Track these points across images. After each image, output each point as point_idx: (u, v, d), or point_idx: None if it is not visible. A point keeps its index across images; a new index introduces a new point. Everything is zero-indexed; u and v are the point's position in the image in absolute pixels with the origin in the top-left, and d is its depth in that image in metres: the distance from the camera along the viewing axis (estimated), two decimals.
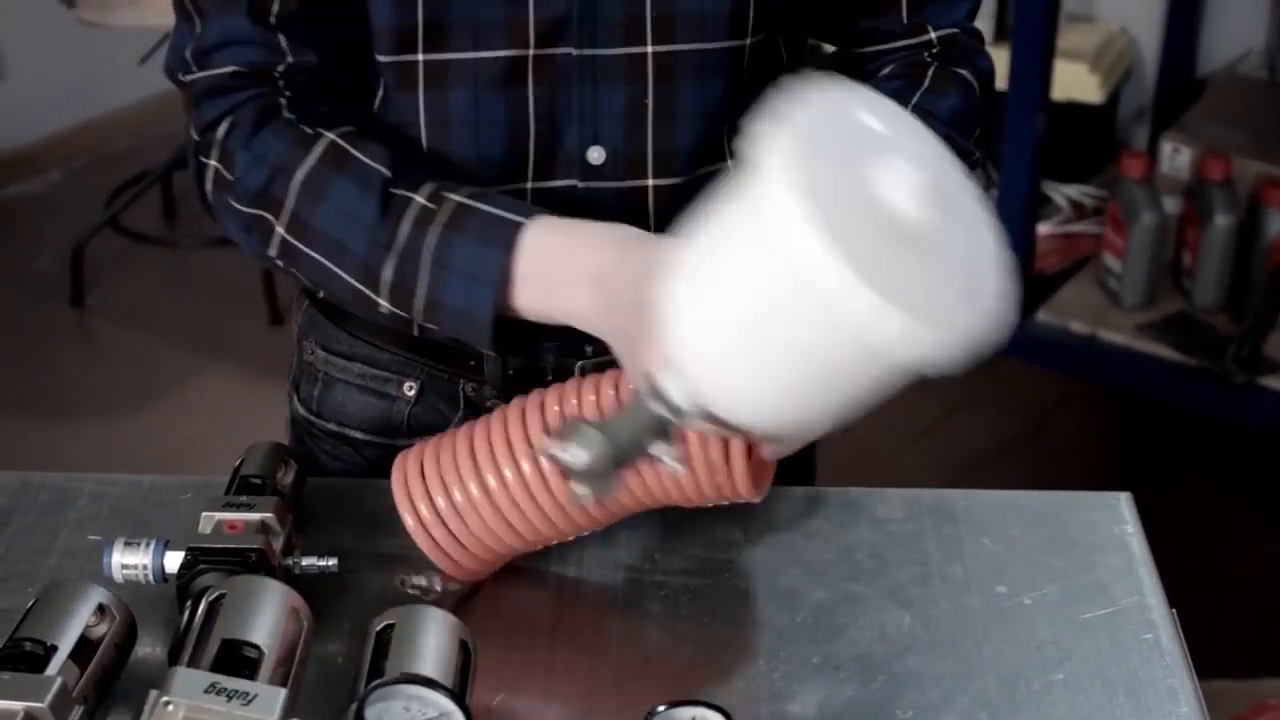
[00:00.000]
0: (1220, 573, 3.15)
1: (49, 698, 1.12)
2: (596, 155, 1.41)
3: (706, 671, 1.29)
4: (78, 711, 1.14)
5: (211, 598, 1.20)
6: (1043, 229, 3.65)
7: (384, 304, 1.34)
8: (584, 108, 1.39)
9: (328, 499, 1.46)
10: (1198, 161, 3.48)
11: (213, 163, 1.38)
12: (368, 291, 1.34)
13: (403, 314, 1.34)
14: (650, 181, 1.42)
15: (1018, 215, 3.48)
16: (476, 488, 1.30)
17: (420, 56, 1.38)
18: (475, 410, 1.49)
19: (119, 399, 3.78)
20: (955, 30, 1.50)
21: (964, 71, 1.50)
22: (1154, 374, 3.40)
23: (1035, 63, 3.30)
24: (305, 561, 1.32)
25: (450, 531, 1.31)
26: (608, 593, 1.37)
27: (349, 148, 1.34)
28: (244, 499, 1.34)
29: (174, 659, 1.16)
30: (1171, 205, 3.48)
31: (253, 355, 3.89)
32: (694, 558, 1.39)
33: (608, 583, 1.38)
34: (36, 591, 1.25)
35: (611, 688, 1.29)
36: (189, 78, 1.39)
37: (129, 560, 1.31)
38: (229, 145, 1.37)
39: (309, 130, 1.36)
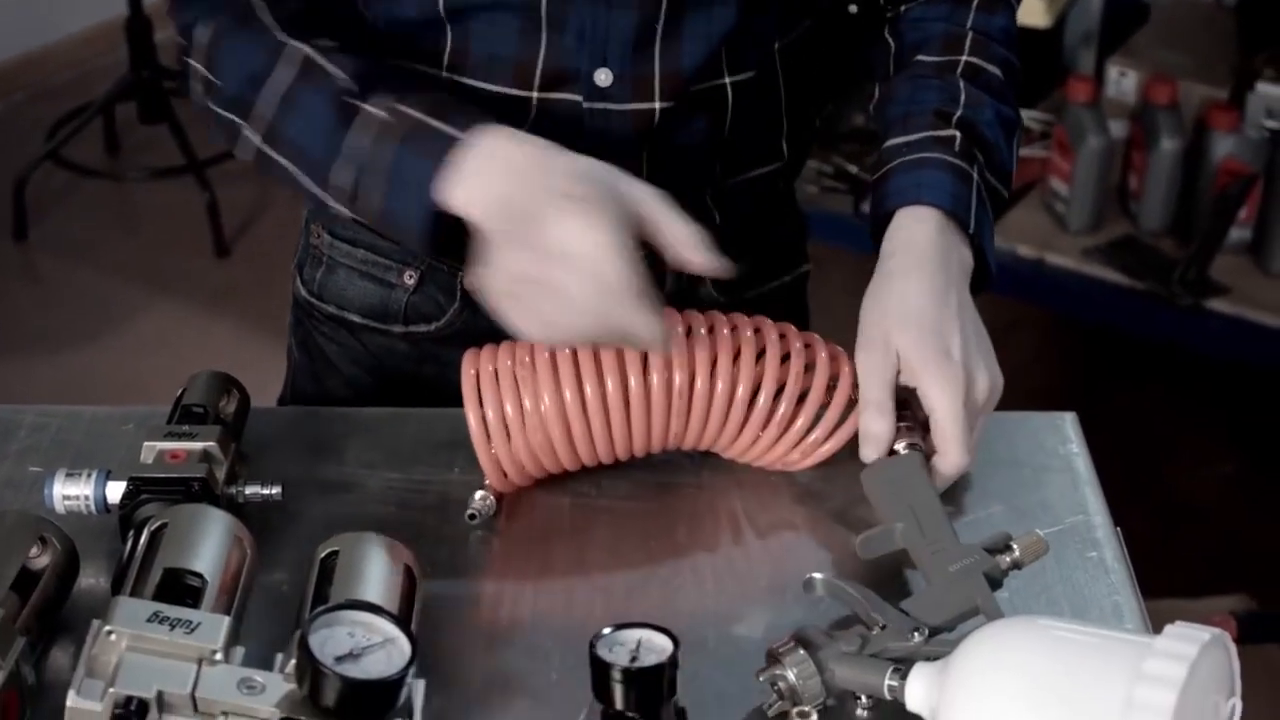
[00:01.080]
0: (1167, 494, 3.17)
1: None
2: (604, 77, 1.41)
3: (653, 595, 1.29)
4: (20, 643, 1.14)
5: (153, 527, 1.19)
6: None
7: (340, 209, 1.34)
8: (595, 30, 1.39)
9: (271, 427, 1.45)
10: (1144, 85, 3.48)
11: (195, 63, 1.40)
12: (322, 196, 1.34)
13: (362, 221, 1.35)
14: (657, 104, 1.42)
15: None
16: (551, 400, 1.31)
17: None
18: (470, 304, 1.49)
19: (65, 334, 3.76)
20: None
21: None
22: (1101, 297, 3.41)
23: None
24: (249, 490, 1.32)
25: (514, 439, 1.33)
26: (554, 517, 1.37)
27: (320, 59, 1.34)
28: (186, 428, 1.33)
29: (116, 589, 1.16)
30: (1118, 129, 3.48)
31: (199, 287, 3.86)
32: (640, 482, 1.39)
33: (554, 507, 1.37)
34: None
35: (558, 612, 1.29)
36: None
37: (71, 491, 1.31)
38: (209, 49, 1.38)
39: (283, 38, 1.36)
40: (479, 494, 1.35)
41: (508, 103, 1.42)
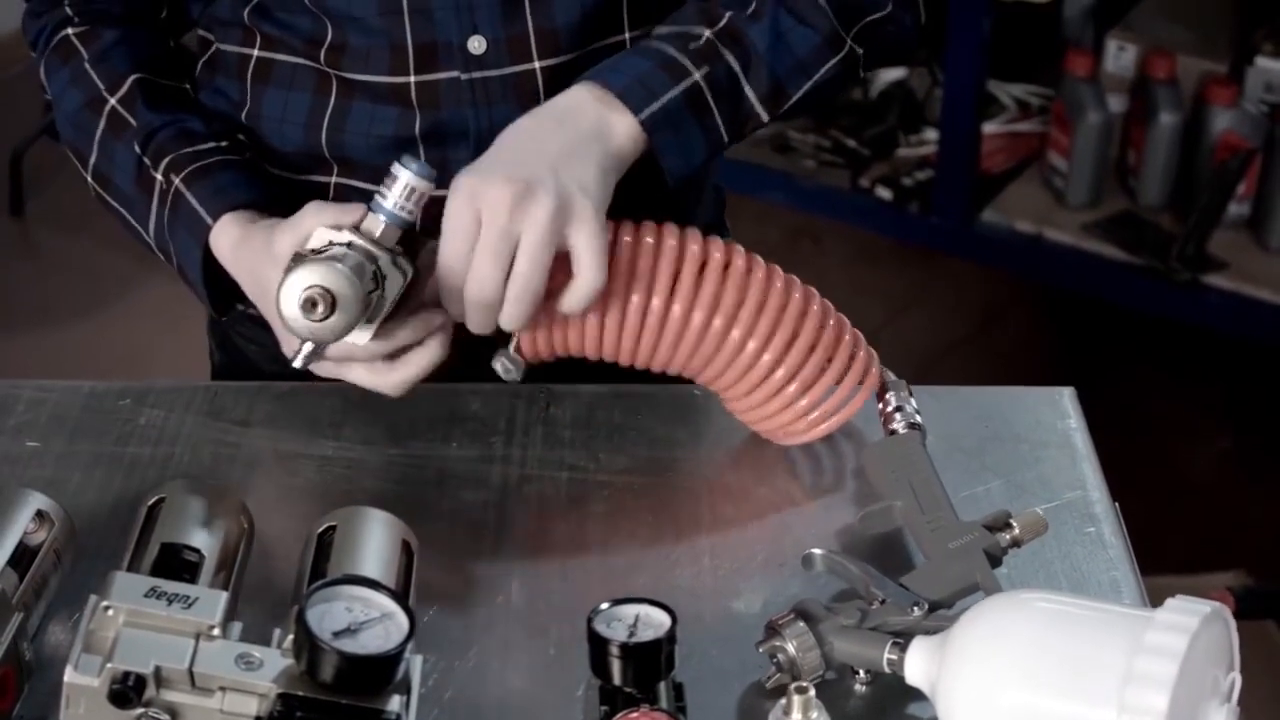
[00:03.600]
0: (1164, 470, 3.17)
1: None
2: (477, 45, 1.40)
3: (651, 569, 1.29)
4: (17, 618, 1.13)
5: (151, 502, 1.19)
6: (988, 128, 3.64)
7: (169, 262, 1.46)
8: None
9: (272, 402, 1.45)
10: (1143, 59, 3.47)
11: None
12: (153, 248, 1.47)
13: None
14: (537, 64, 1.41)
15: (964, 115, 3.47)
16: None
17: None
18: None
19: (62, 307, 3.75)
20: None
21: None
22: (1099, 273, 3.41)
23: None
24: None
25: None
26: (551, 492, 1.37)
27: (121, 109, 1.45)
28: None
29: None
30: (1117, 104, 3.47)
31: None
32: (637, 456, 1.39)
33: (551, 482, 1.37)
34: None
35: (556, 587, 1.29)
36: None
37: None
38: (47, 82, 1.51)
39: (95, 79, 1.46)
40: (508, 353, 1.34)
41: (391, 93, 1.42)
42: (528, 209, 1.26)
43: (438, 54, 1.40)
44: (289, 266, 1.26)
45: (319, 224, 1.29)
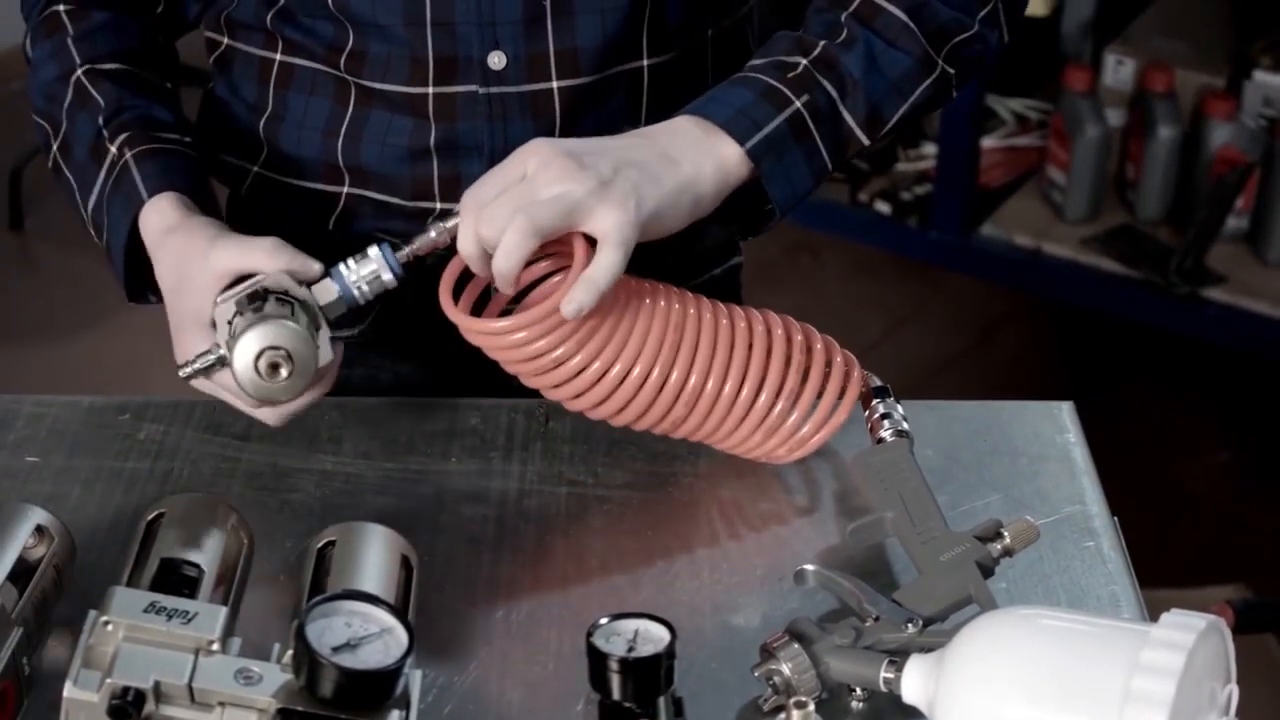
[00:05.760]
0: (1163, 484, 3.17)
1: None
2: (497, 60, 1.40)
3: (650, 584, 1.29)
4: (17, 633, 1.13)
5: (150, 517, 1.19)
6: (987, 142, 3.65)
7: (95, 237, 1.45)
8: (482, 14, 1.38)
9: None
10: (1141, 73, 3.48)
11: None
12: (87, 221, 1.45)
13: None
14: (555, 84, 1.41)
15: (962, 129, 3.47)
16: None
17: None
18: (392, 308, 1.48)
19: (61, 322, 3.75)
20: None
21: None
22: (1098, 286, 3.41)
23: None
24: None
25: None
26: (551, 507, 1.37)
27: (89, 85, 1.45)
28: None
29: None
30: (1115, 118, 3.48)
31: None
32: (637, 471, 1.39)
33: (551, 497, 1.37)
34: None
35: (555, 601, 1.29)
36: None
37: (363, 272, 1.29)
38: (28, 53, 1.50)
39: (76, 57, 1.46)
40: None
41: (408, 103, 1.42)
42: (567, 170, 1.25)
43: (457, 67, 1.41)
44: (245, 319, 1.25)
45: (274, 266, 1.28)
